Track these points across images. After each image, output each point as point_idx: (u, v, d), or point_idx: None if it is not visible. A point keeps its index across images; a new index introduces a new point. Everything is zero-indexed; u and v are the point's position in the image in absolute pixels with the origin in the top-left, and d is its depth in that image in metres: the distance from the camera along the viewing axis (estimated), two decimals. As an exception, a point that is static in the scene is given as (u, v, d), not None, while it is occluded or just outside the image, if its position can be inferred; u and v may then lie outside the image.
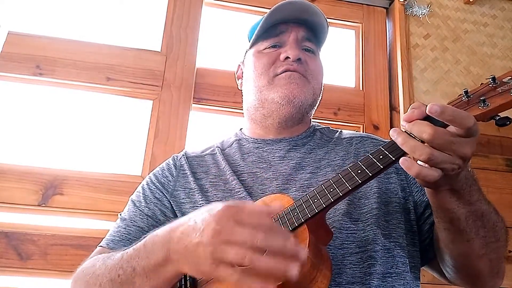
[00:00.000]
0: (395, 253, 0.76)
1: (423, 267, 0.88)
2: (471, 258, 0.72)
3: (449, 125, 0.57)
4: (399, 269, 0.75)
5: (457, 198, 0.65)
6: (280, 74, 0.89)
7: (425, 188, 0.68)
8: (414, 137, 0.58)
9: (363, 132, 1.75)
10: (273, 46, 0.93)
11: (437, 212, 0.70)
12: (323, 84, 0.97)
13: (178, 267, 0.59)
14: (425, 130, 0.57)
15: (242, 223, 0.53)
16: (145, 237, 0.67)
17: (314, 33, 0.95)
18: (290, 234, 0.54)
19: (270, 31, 0.93)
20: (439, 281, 1.64)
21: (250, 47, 0.97)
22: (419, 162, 0.59)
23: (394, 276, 0.74)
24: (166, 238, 0.61)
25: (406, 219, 0.82)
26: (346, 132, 0.98)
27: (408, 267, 0.77)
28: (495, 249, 0.72)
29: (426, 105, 0.58)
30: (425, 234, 0.83)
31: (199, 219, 0.57)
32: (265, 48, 0.94)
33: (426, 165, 0.58)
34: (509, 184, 1.73)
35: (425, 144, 0.57)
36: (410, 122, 0.59)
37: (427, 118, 0.58)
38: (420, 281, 0.81)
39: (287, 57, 0.89)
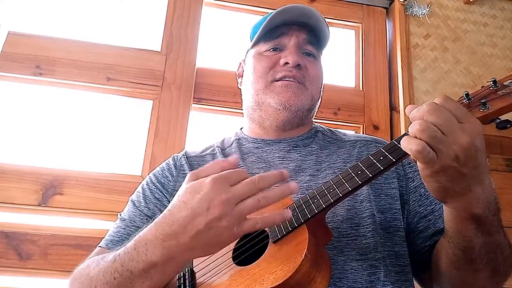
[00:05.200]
0: (388, 262, 0.75)
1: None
2: (472, 287, 0.71)
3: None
4: (393, 278, 0.74)
5: (477, 225, 0.63)
6: (278, 81, 0.89)
7: (444, 210, 0.66)
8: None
9: (363, 132, 1.75)
10: (274, 49, 0.93)
11: (452, 238, 0.68)
12: (323, 88, 0.97)
13: (185, 257, 0.61)
14: (425, 103, 0.57)
15: (235, 182, 0.59)
16: (134, 238, 0.66)
17: (315, 37, 0.95)
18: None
19: (271, 33, 0.93)
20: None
21: (252, 47, 0.97)
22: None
23: (390, 285, 0.73)
24: (160, 238, 0.60)
25: (402, 227, 0.81)
26: (351, 135, 0.97)
27: (404, 276, 0.76)
28: (498, 282, 0.71)
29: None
30: (416, 247, 0.82)
31: (194, 204, 0.59)
32: (266, 51, 0.93)
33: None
34: (509, 184, 1.73)
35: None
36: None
37: None
38: None
39: (287, 63, 0.89)
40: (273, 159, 0.88)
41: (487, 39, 1.97)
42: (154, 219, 0.84)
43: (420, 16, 1.92)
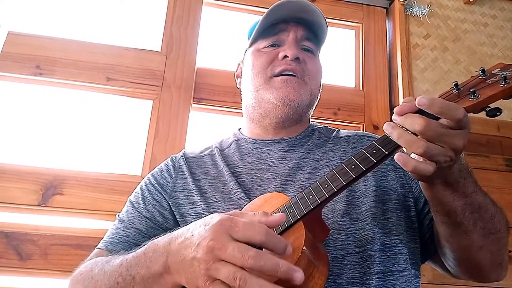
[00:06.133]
0: (396, 250, 0.76)
1: (426, 262, 0.88)
2: (471, 250, 0.72)
3: (440, 118, 0.58)
4: (401, 266, 0.75)
5: (451, 190, 0.65)
6: (277, 76, 0.89)
7: (419, 182, 0.68)
8: (407, 131, 0.58)
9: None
10: (272, 45, 0.93)
11: (433, 206, 0.71)
12: (321, 84, 0.97)
13: (176, 278, 0.59)
14: (417, 122, 0.57)
15: (236, 238, 0.52)
16: (145, 243, 0.66)
17: (313, 33, 0.95)
18: (289, 245, 0.53)
19: (269, 30, 0.93)
20: (439, 280, 1.64)
21: (250, 46, 0.97)
22: (413, 155, 0.59)
23: (396, 274, 0.74)
24: (165, 249, 0.60)
25: (406, 215, 0.82)
26: (344, 131, 0.97)
27: (409, 264, 0.77)
28: (495, 240, 0.72)
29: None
30: (425, 229, 0.83)
31: (196, 233, 0.56)
32: (264, 47, 0.93)
33: (421, 158, 0.58)
34: (509, 184, 1.73)
35: (419, 137, 0.57)
36: (402, 115, 0.59)
37: (418, 112, 0.58)
38: (420, 278, 0.81)
39: (286, 56, 0.89)
40: (272, 159, 0.88)
41: (487, 39, 1.97)
42: (152, 221, 0.84)
43: (420, 16, 1.93)
